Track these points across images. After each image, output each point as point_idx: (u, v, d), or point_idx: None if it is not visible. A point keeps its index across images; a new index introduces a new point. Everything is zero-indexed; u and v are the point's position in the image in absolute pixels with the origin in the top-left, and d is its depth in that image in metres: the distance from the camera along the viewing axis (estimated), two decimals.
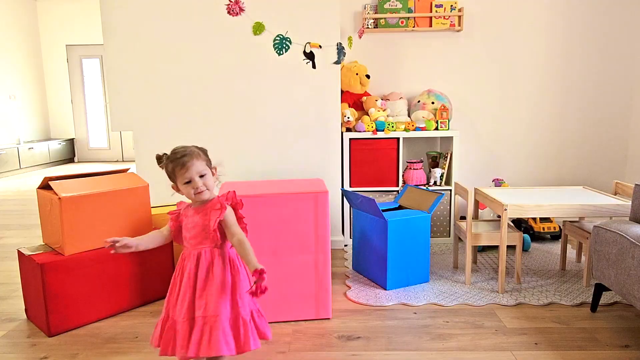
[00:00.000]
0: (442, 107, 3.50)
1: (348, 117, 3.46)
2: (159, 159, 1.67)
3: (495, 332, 2.21)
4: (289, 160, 3.38)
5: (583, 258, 3.11)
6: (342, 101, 3.54)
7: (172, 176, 1.65)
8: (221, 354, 1.57)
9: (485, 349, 2.07)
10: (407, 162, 3.54)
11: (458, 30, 3.76)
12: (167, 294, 1.69)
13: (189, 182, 1.62)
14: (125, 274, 2.46)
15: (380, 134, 3.43)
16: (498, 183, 3.65)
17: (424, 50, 3.83)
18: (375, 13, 3.69)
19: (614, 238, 2.11)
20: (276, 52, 3.25)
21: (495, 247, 3.38)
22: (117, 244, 1.60)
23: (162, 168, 1.67)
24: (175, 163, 1.61)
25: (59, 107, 9.07)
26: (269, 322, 2.32)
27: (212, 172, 1.68)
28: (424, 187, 3.05)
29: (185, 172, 1.60)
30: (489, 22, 3.79)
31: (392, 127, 3.43)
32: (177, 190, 1.67)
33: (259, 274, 1.49)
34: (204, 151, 1.69)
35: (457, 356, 2.02)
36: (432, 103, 3.55)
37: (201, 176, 1.62)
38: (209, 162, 1.68)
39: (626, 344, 2.09)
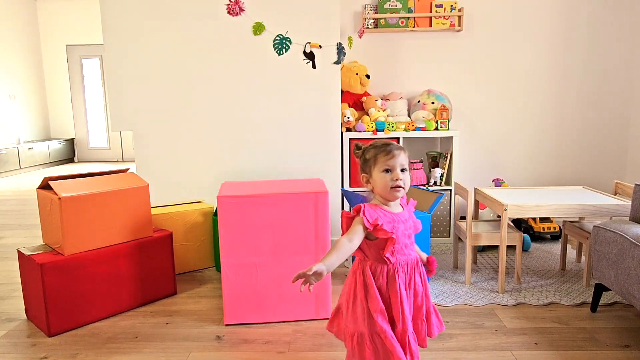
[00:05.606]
0: (442, 107, 3.50)
1: (348, 117, 3.46)
2: (358, 147, 1.60)
3: (495, 332, 2.21)
4: (289, 160, 3.37)
5: (583, 258, 3.11)
6: (342, 101, 3.54)
7: (369, 164, 1.55)
8: None
9: (485, 349, 2.07)
10: None
11: (458, 30, 3.76)
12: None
13: (388, 171, 1.51)
14: (125, 274, 2.46)
15: (380, 134, 3.43)
16: (498, 183, 3.65)
17: (424, 50, 3.83)
18: (375, 13, 3.69)
19: (614, 238, 2.11)
20: (276, 52, 3.25)
21: (495, 247, 3.38)
22: (309, 274, 1.33)
23: (358, 157, 1.58)
24: (380, 150, 1.53)
25: (59, 107, 9.07)
26: (268, 322, 2.34)
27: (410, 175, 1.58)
28: (424, 187, 3.05)
29: (390, 159, 1.51)
30: (489, 22, 3.79)
31: (392, 127, 3.43)
32: (367, 182, 1.57)
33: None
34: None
35: (457, 356, 2.02)
36: (432, 103, 3.55)
37: (402, 170, 1.53)
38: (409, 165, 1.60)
39: (626, 344, 2.09)
